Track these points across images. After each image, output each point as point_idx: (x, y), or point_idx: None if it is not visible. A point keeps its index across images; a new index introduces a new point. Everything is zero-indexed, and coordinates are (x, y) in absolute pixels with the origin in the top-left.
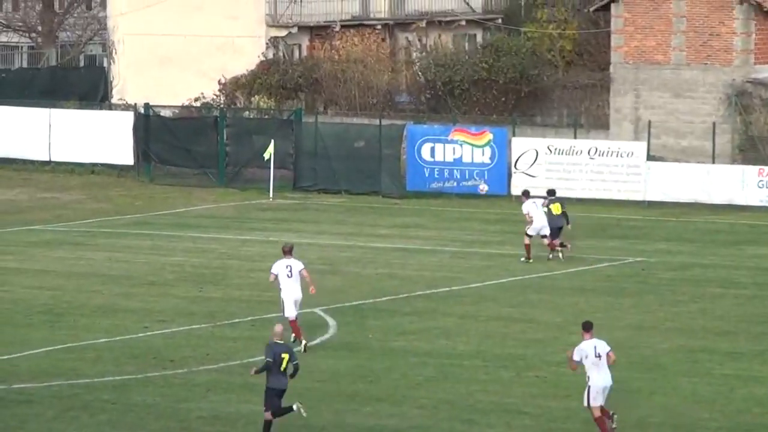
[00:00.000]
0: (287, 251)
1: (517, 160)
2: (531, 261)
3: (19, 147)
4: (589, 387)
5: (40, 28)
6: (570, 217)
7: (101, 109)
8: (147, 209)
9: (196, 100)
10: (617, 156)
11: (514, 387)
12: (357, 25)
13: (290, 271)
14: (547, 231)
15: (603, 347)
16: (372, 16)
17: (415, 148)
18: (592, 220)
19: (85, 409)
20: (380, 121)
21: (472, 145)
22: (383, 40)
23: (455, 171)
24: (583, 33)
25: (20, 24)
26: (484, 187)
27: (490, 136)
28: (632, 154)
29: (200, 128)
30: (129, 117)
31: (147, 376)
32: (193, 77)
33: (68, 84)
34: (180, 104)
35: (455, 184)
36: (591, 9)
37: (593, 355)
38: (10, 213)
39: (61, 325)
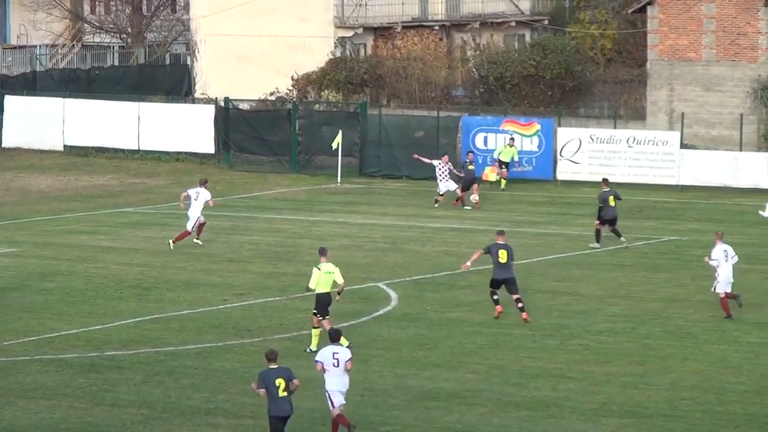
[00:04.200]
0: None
1: (563, 148)
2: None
3: (111, 137)
4: None
5: (129, 30)
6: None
7: (185, 102)
8: (227, 193)
9: (271, 94)
10: (653, 144)
11: (559, 354)
12: (417, 26)
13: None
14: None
15: None
16: (430, 18)
17: (470, 137)
18: (630, 202)
19: (170, 374)
20: (438, 113)
21: (522, 134)
22: (440, 39)
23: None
24: (622, 33)
25: (112, 26)
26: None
27: (538, 127)
28: (667, 142)
29: (275, 120)
30: (210, 110)
31: (226, 344)
32: (269, 74)
33: (155, 80)
34: (257, 98)
35: (509, 170)
36: (629, 11)
37: None
38: (103, 197)
39: (148, 298)
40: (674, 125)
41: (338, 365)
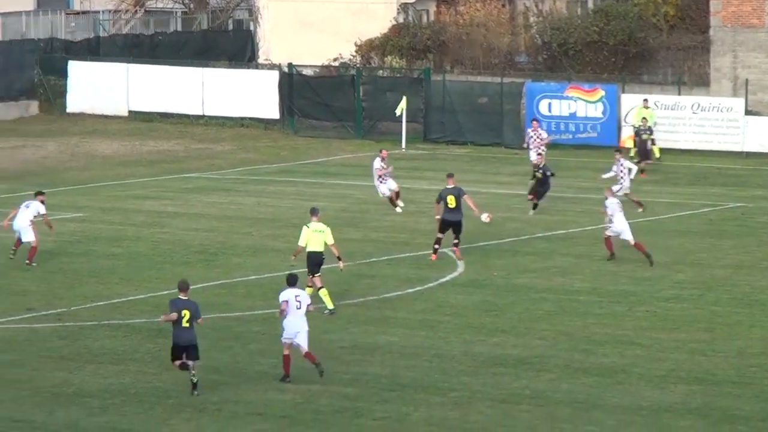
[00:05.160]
0: None
1: (626, 114)
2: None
3: (175, 103)
4: None
5: None
6: (674, 166)
7: (249, 68)
8: (291, 159)
9: (334, 60)
10: (717, 111)
11: (627, 320)
12: None
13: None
14: None
15: None
16: None
17: (534, 103)
18: (695, 169)
19: (237, 340)
20: (501, 80)
21: (586, 101)
22: (503, 6)
23: (570, 124)
24: None
25: None
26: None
27: (602, 93)
28: (731, 109)
29: (339, 85)
30: (274, 75)
31: None
32: (332, 39)
33: (218, 46)
34: (320, 64)
35: (570, 136)
36: None
37: None
38: (168, 162)
39: (215, 264)
40: (738, 92)
41: (300, 307)
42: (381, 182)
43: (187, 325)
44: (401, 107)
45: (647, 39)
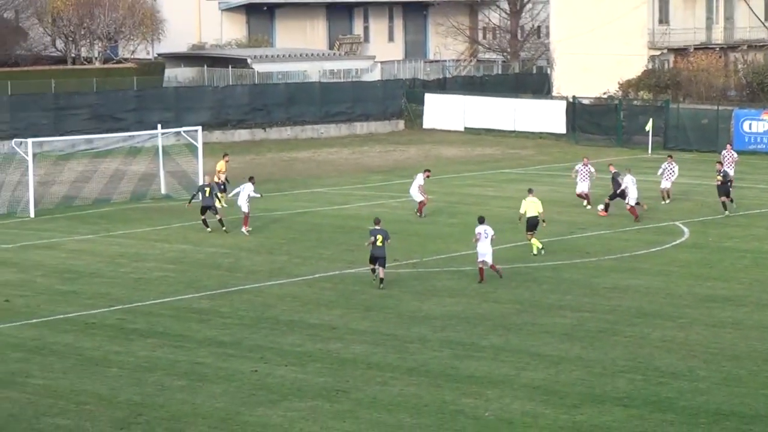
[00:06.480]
0: None
1: None
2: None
3: (496, 122)
4: None
5: (508, 50)
6: None
7: (545, 99)
8: (573, 160)
9: (604, 93)
10: None
11: None
12: (703, 48)
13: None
14: None
15: None
16: (713, 42)
17: (739, 123)
18: None
19: (534, 281)
20: (717, 107)
21: None
22: (720, 57)
23: (764, 138)
24: None
25: (497, 47)
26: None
27: None
28: None
29: (606, 111)
30: (563, 104)
31: (573, 262)
32: (603, 79)
33: (525, 83)
34: (594, 96)
35: (765, 146)
36: None
37: None
38: (490, 162)
39: (520, 230)
40: None
41: (487, 237)
42: (582, 180)
43: (380, 245)
44: (649, 126)
45: None
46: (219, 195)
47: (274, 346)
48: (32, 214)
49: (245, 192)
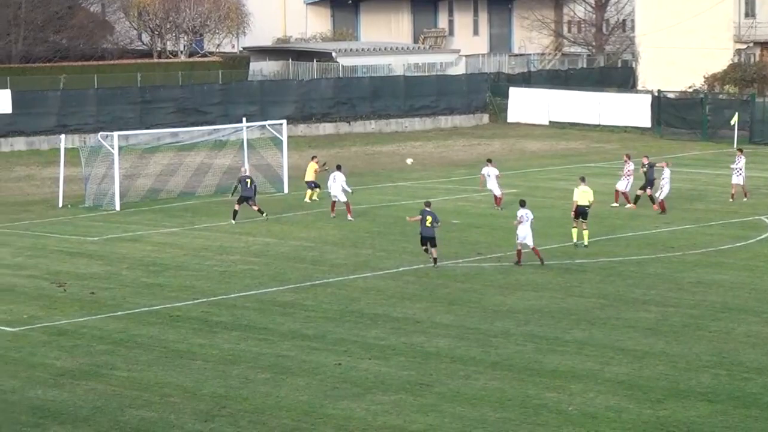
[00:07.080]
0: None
1: None
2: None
3: (581, 116)
4: None
5: (594, 43)
6: None
7: (630, 92)
8: (659, 154)
9: (689, 87)
10: None
11: None
12: None
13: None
14: None
15: None
16: None
17: None
18: None
19: (618, 276)
20: None
21: None
22: None
23: None
24: None
25: (582, 41)
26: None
27: None
28: None
29: (692, 105)
30: (648, 98)
31: (657, 256)
32: (687, 73)
33: (610, 77)
34: (679, 90)
35: None
36: None
37: None
38: (574, 156)
39: (603, 224)
40: None
41: (527, 220)
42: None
43: (429, 225)
44: (734, 119)
45: None
46: (311, 191)
47: (357, 339)
48: (118, 207)
49: (338, 182)
